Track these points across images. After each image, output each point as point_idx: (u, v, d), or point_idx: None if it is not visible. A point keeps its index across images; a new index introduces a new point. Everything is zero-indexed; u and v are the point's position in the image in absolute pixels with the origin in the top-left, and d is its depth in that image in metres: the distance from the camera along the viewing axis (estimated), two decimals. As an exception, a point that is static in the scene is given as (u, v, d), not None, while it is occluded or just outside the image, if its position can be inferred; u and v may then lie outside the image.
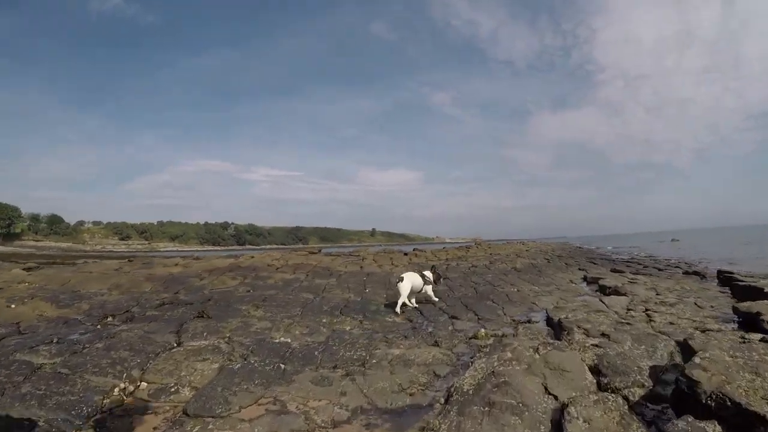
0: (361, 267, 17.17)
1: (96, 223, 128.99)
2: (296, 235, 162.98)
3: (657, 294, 9.90)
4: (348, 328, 7.61)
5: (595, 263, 23.07)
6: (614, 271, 18.07)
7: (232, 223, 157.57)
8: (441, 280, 10.43)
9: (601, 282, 12.34)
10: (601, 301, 9.03)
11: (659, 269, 19.74)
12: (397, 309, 8.64)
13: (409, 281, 8.83)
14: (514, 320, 8.30)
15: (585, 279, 14.89)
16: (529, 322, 8.08)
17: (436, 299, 9.57)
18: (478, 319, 8.45)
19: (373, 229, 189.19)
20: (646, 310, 7.62)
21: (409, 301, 9.02)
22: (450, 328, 7.73)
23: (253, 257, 20.34)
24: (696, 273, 16.99)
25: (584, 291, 12.06)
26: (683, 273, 17.71)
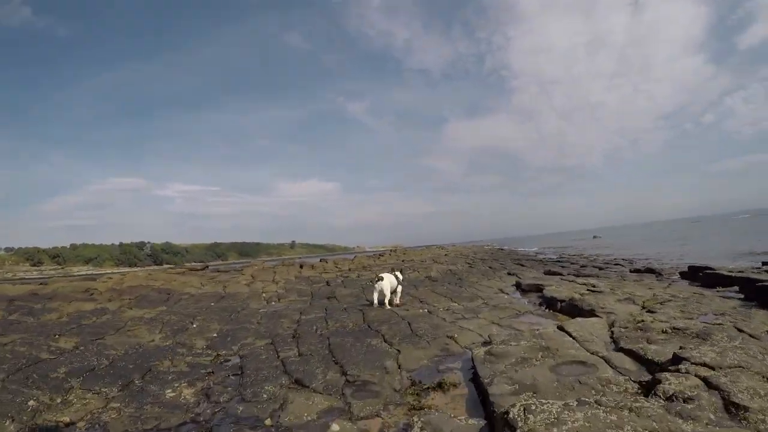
0: (225, 287, 12.35)
1: (8, 250, 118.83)
2: (215, 252, 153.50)
3: (646, 310, 6.11)
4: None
5: (523, 265, 19.88)
6: (550, 273, 14.72)
7: (149, 243, 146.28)
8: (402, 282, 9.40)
9: (546, 291, 8.54)
10: (562, 329, 5.05)
11: (600, 268, 16.78)
12: (387, 305, 8.26)
13: (388, 281, 8.43)
14: (412, 382, 4.22)
15: (519, 287, 11.15)
16: (440, 387, 4.02)
17: (398, 302, 8.85)
18: (346, 381, 4.28)
19: (293, 241, 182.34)
20: (680, 360, 3.63)
21: (381, 300, 8.40)
22: (268, 420, 3.47)
23: (111, 279, 15.07)
24: (650, 270, 14.00)
25: (524, 306, 8.16)
26: (631, 271, 14.73)
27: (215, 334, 6.68)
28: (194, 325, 7.28)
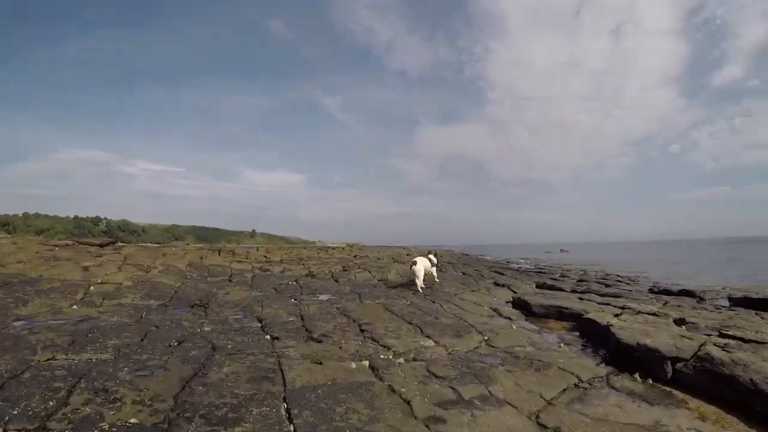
0: (49, 268, 7.50)
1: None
2: (172, 234, 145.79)
3: None
4: None
5: (502, 274, 15.67)
6: (545, 287, 10.58)
7: (105, 218, 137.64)
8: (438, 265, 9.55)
9: (619, 332, 4.17)
10: None
11: (605, 285, 12.81)
12: (419, 288, 8.00)
13: (422, 264, 8.40)
14: None
15: (523, 307, 6.90)
16: None
17: (437, 280, 9.19)
18: None
19: (253, 230, 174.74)
20: None
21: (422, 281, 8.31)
22: None
23: None
24: (688, 293, 10.07)
25: (567, 357, 3.82)
26: (654, 292, 10.76)
27: None
28: None
